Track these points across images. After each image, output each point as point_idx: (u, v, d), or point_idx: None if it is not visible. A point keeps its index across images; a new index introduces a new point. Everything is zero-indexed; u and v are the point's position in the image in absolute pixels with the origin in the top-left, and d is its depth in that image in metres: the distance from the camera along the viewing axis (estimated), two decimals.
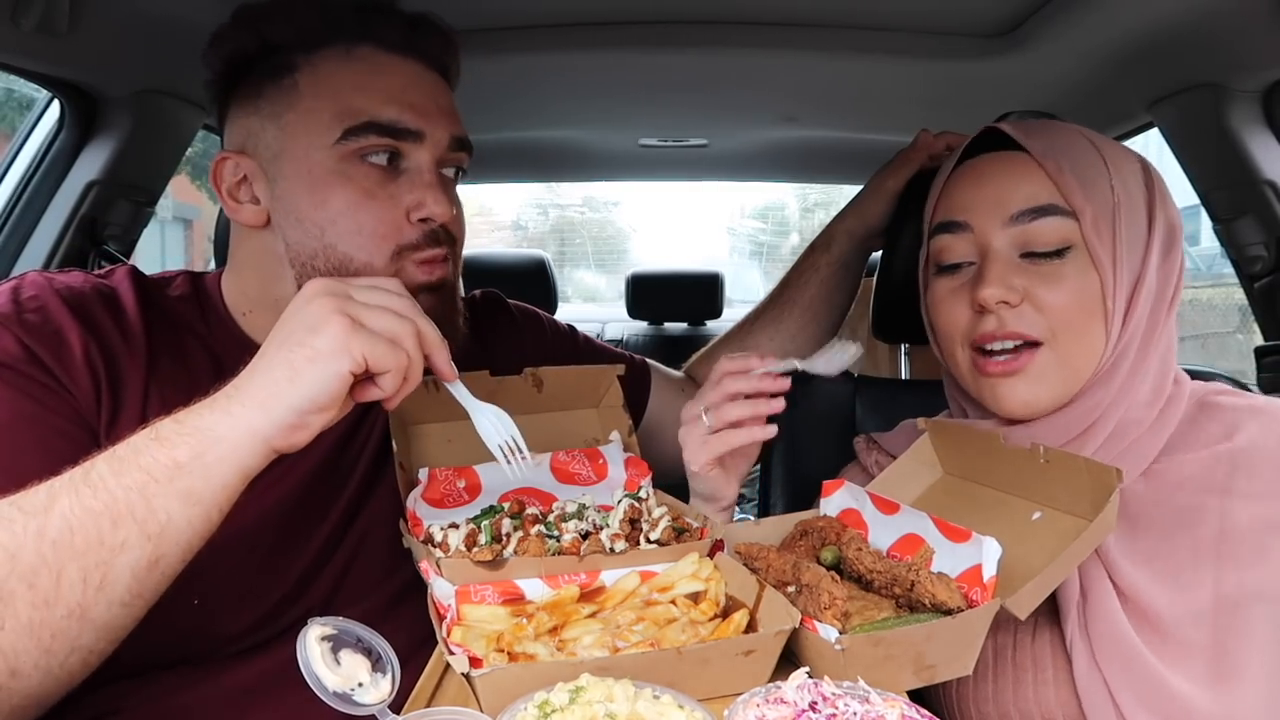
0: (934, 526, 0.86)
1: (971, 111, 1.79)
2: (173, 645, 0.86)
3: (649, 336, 3.81)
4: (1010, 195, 0.92)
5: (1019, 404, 0.92)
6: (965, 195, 0.96)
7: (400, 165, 0.94)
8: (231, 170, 0.95)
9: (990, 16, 1.42)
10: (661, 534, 0.88)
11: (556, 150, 2.38)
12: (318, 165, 0.91)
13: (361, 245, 0.92)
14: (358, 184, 0.91)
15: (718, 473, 1.01)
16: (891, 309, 1.34)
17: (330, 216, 0.91)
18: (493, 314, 1.21)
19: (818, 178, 3.22)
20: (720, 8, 1.44)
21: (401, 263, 0.93)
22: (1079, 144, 0.93)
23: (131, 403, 0.87)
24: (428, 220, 0.94)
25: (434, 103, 0.96)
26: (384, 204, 0.92)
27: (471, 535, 0.86)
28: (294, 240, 0.93)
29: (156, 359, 0.90)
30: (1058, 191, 0.90)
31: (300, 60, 0.92)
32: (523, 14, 1.46)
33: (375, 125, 0.91)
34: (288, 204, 0.93)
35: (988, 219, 0.92)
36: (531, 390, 1.05)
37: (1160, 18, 1.28)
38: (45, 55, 1.30)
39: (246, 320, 0.99)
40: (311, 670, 0.69)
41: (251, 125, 0.94)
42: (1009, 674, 0.88)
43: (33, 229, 1.54)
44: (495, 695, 0.68)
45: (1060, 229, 0.89)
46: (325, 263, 0.92)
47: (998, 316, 0.91)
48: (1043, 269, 0.90)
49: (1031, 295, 0.90)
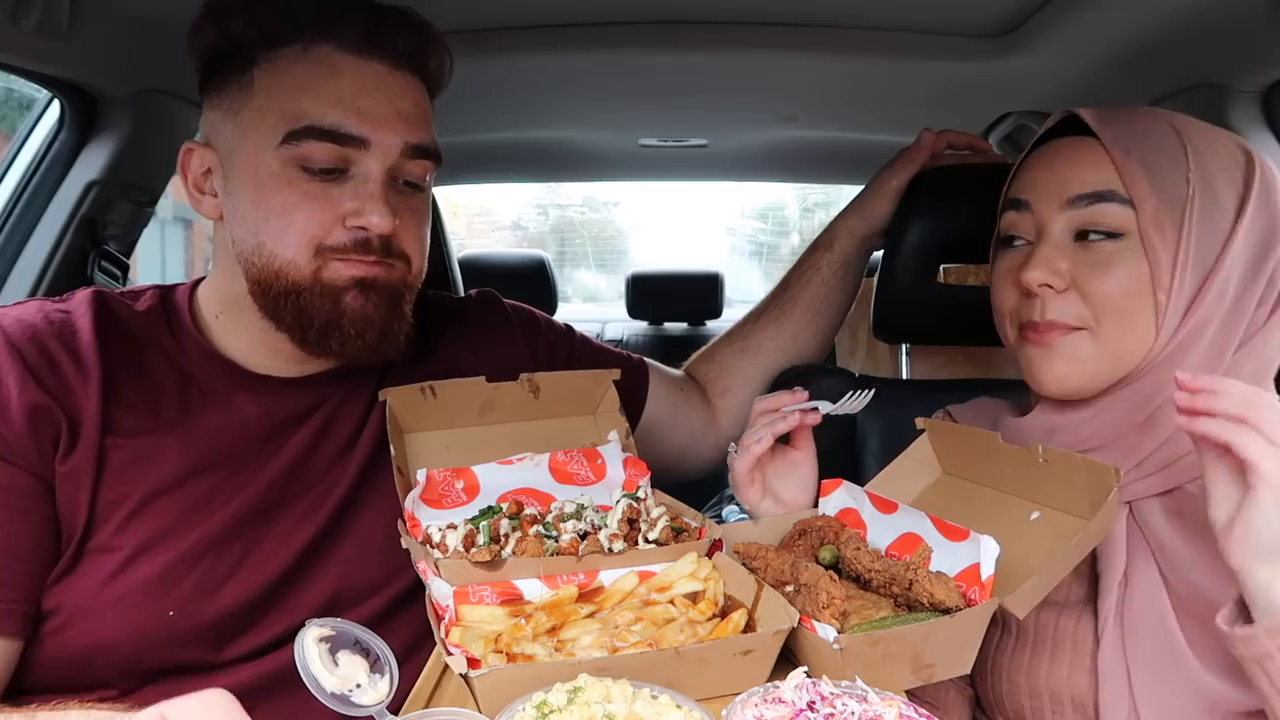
0: (932, 526, 0.86)
1: (972, 111, 1.80)
2: (154, 655, 0.87)
3: (649, 336, 3.81)
4: (1072, 179, 0.91)
5: (1052, 379, 0.91)
6: (1033, 175, 0.96)
7: (348, 172, 0.92)
8: (197, 162, 0.97)
9: (991, 16, 1.42)
10: (660, 534, 0.88)
11: (556, 150, 2.38)
12: (263, 165, 0.91)
13: (287, 244, 0.91)
14: (297, 187, 0.91)
15: (769, 502, 1.06)
16: (892, 309, 1.34)
17: (265, 216, 0.91)
18: (486, 315, 1.20)
19: (818, 178, 3.22)
20: (720, 8, 1.44)
21: (323, 259, 0.91)
22: (1160, 132, 0.91)
23: (88, 429, 0.88)
24: (360, 228, 0.91)
25: (391, 108, 0.93)
26: (321, 207, 0.91)
27: (470, 536, 0.86)
28: (237, 237, 0.94)
29: (114, 382, 0.91)
30: (1120, 180, 0.89)
31: (261, 57, 0.92)
32: (523, 14, 1.46)
33: (316, 130, 0.89)
34: (235, 201, 0.93)
35: (1047, 200, 0.92)
36: (529, 396, 1.04)
37: (1160, 18, 1.28)
38: (45, 55, 1.30)
39: (218, 322, 0.99)
40: (309, 671, 0.69)
41: (214, 119, 0.95)
42: (1046, 650, 0.88)
43: (33, 229, 1.54)
44: (493, 696, 0.68)
45: (1116, 216, 0.88)
46: (258, 259, 0.92)
47: (1041, 302, 0.91)
48: (1093, 255, 0.89)
49: (1079, 280, 0.89)
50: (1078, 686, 0.86)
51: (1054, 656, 0.88)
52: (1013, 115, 1.79)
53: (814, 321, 1.36)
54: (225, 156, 0.94)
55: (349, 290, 0.92)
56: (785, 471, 1.06)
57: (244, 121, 0.92)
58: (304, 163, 0.90)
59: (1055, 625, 0.89)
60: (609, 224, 6.30)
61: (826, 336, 1.39)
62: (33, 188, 1.54)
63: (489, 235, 5.88)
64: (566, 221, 6.21)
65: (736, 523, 1.03)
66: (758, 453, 1.03)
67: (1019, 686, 0.90)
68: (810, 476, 1.07)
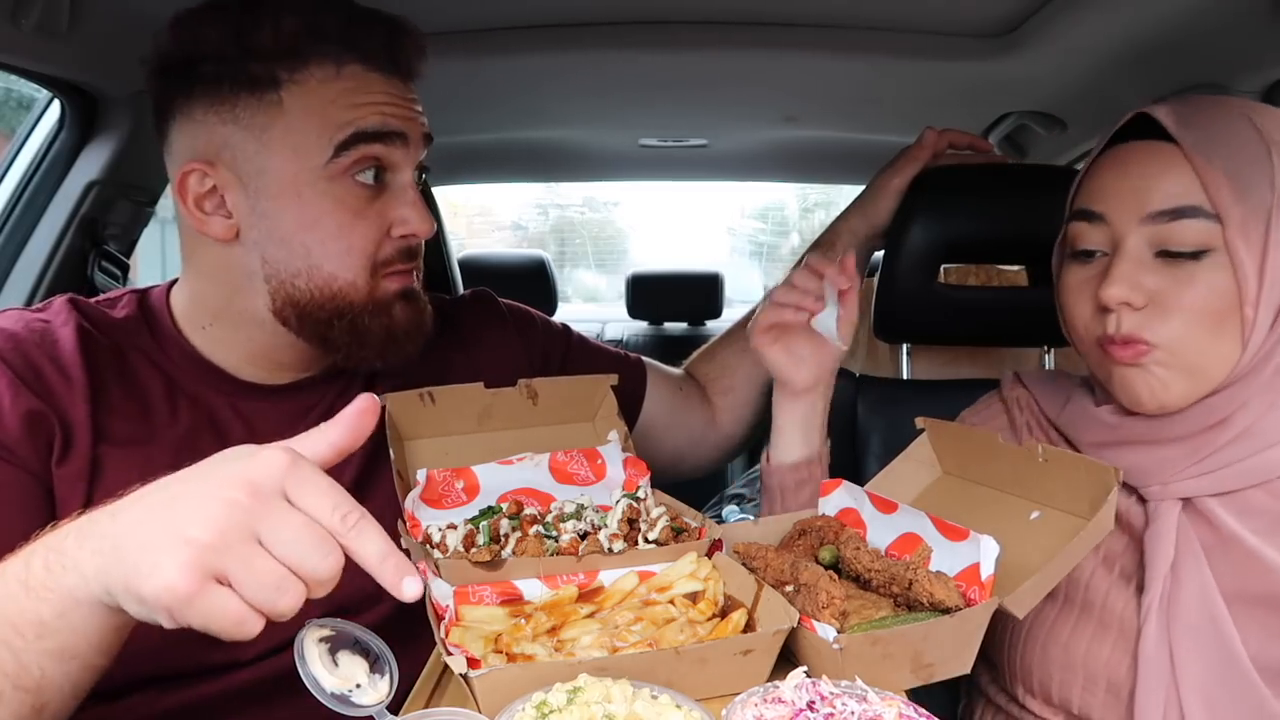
0: (932, 525, 0.86)
1: (971, 112, 1.80)
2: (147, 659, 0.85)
3: (649, 336, 3.81)
4: (1151, 192, 0.85)
5: (1146, 396, 0.87)
6: (1105, 185, 0.90)
7: (385, 180, 0.94)
8: (198, 182, 0.91)
9: (990, 16, 1.42)
10: (660, 534, 0.88)
11: (556, 150, 2.38)
12: (306, 186, 0.90)
13: (348, 265, 0.91)
14: (347, 205, 0.91)
15: (779, 352, 1.10)
16: (892, 309, 1.34)
17: (319, 238, 0.91)
18: (480, 314, 1.20)
19: (818, 178, 3.22)
20: (720, 8, 1.44)
21: (376, 278, 0.94)
22: (1243, 134, 0.85)
23: (80, 435, 0.87)
24: (407, 236, 0.94)
25: (410, 109, 0.95)
26: (371, 222, 0.92)
27: (470, 536, 0.86)
28: (275, 258, 0.92)
29: (101, 390, 0.90)
30: (1203, 191, 0.83)
31: (283, 75, 0.89)
32: (523, 14, 1.46)
33: (363, 134, 0.90)
34: (272, 222, 0.91)
35: (1124, 213, 0.86)
36: (527, 403, 1.04)
37: (1160, 18, 1.28)
38: (45, 55, 1.30)
39: (205, 333, 0.98)
40: (309, 671, 0.69)
41: (227, 135, 0.90)
42: (1089, 628, 0.88)
43: (33, 229, 1.54)
44: (493, 696, 0.68)
45: (1201, 232, 0.83)
46: (308, 281, 0.92)
47: (1119, 317, 0.86)
48: (1176, 271, 0.84)
49: (1160, 297, 0.85)
50: (1116, 670, 0.85)
51: (1098, 634, 0.87)
52: (1013, 115, 1.79)
53: None
54: (251, 176, 0.91)
55: (396, 303, 0.95)
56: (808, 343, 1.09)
57: (273, 140, 0.89)
58: (355, 172, 0.91)
59: (1104, 600, 0.88)
60: (609, 224, 6.30)
61: None
62: (33, 188, 1.54)
63: (489, 235, 5.88)
64: (566, 221, 6.20)
65: (736, 523, 1.03)
66: (789, 319, 1.07)
67: (1053, 658, 0.88)
68: (817, 344, 1.08)
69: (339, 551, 0.60)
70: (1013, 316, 1.34)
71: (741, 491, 2.50)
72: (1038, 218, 1.16)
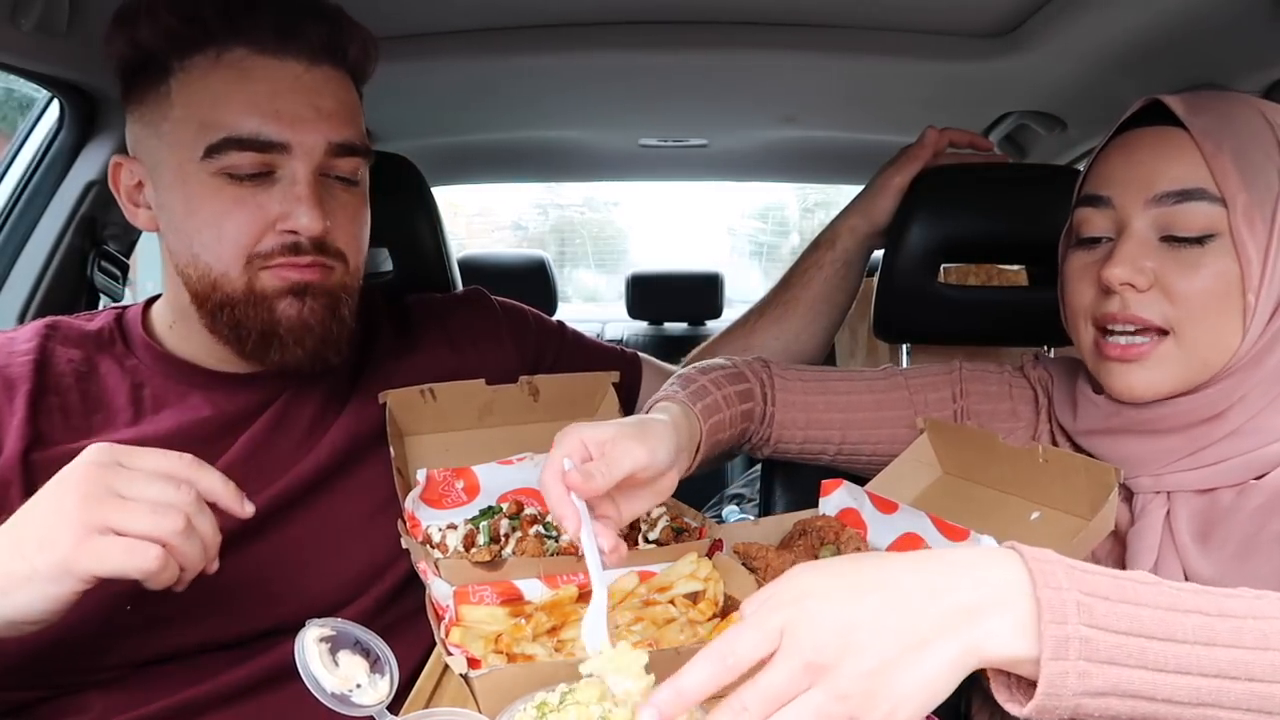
0: (932, 525, 0.86)
1: (972, 111, 1.80)
2: (131, 650, 0.85)
3: (649, 336, 3.81)
4: (1157, 175, 0.85)
5: (1141, 389, 0.87)
6: (1112, 170, 0.90)
7: (275, 175, 0.91)
8: (127, 175, 0.95)
9: (990, 16, 1.42)
10: (660, 534, 0.88)
11: (556, 150, 2.38)
12: (190, 177, 0.90)
13: (220, 255, 0.90)
14: (225, 194, 0.89)
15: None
16: (892, 309, 1.34)
17: (197, 227, 0.90)
18: (471, 313, 1.19)
19: (818, 178, 3.22)
20: (720, 8, 1.44)
21: (253, 271, 0.91)
22: (1252, 123, 0.86)
23: (10, 441, 0.87)
24: (291, 232, 0.91)
25: (310, 106, 0.90)
26: (250, 213, 0.90)
27: (470, 536, 0.86)
28: (173, 248, 0.94)
29: (44, 395, 0.90)
30: (1210, 175, 0.83)
31: (174, 66, 0.89)
32: (523, 14, 1.46)
33: (234, 141, 0.88)
34: (168, 213, 0.93)
35: (1130, 196, 0.87)
36: (528, 399, 1.04)
37: (1160, 18, 1.27)
38: (45, 55, 1.29)
39: (172, 331, 0.99)
40: (309, 671, 0.69)
41: (137, 131, 0.94)
42: None
43: (32, 229, 1.53)
44: (493, 696, 0.68)
45: (1206, 215, 0.83)
46: (194, 271, 0.92)
47: (1122, 298, 0.86)
48: (1180, 255, 0.84)
49: (1163, 280, 0.85)
50: None
51: None
52: (1013, 115, 1.79)
53: (815, 320, 1.36)
54: (153, 169, 0.93)
55: (282, 298, 0.91)
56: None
57: (165, 134, 0.90)
58: (229, 172, 0.89)
59: None
60: (609, 224, 6.29)
61: (827, 335, 1.39)
62: (32, 188, 1.53)
63: (489, 235, 5.87)
64: (566, 221, 6.20)
65: (736, 523, 1.03)
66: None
67: None
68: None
69: (188, 485, 0.69)
70: (1013, 316, 1.34)
71: (741, 491, 2.50)
72: (1038, 217, 1.16)
